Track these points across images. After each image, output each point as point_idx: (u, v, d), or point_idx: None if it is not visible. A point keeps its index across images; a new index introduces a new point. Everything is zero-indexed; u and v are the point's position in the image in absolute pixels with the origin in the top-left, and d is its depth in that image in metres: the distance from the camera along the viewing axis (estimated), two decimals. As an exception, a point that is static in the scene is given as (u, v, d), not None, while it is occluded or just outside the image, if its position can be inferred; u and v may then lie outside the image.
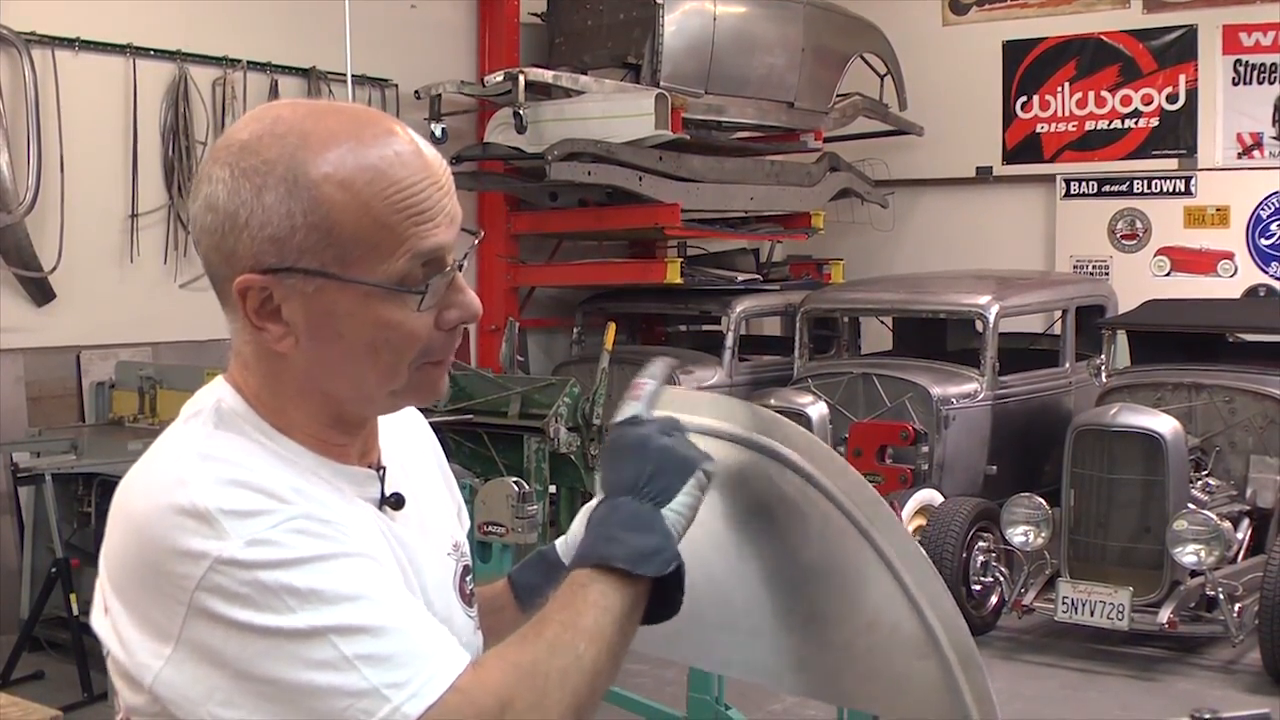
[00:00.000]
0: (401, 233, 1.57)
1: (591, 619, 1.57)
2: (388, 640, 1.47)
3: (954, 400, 9.47)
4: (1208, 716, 3.76)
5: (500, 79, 10.45)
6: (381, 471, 1.74)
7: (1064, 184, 12.53)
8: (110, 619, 1.57)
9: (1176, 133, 12.11)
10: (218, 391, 1.68)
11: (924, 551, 1.69)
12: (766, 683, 1.88)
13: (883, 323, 11.64)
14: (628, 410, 1.76)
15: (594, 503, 1.74)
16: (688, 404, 1.87)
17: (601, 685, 1.56)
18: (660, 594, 1.65)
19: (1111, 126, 12.43)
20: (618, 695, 5.94)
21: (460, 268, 1.66)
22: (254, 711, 1.46)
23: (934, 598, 1.67)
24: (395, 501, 1.73)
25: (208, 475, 1.53)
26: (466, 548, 1.90)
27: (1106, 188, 12.34)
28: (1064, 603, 7.84)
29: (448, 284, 1.63)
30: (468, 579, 1.86)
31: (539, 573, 1.95)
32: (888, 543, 1.69)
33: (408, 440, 1.88)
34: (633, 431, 1.73)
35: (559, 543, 1.96)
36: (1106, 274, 12.16)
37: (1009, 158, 12.90)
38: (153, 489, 1.55)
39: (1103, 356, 9.51)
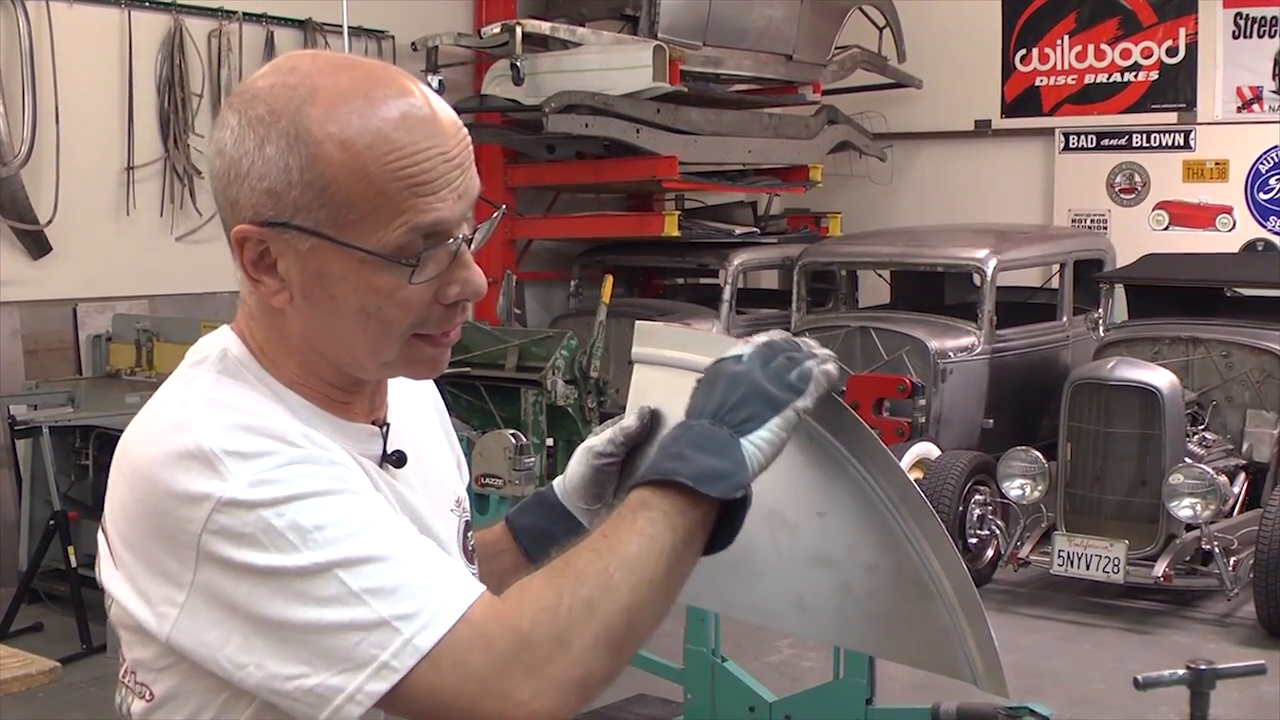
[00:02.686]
0: (399, 203, 1.53)
1: (635, 547, 1.51)
2: (395, 570, 1.46)
3: (951, 354, 9.47)
4: (1203, 668, 3.78)
5: (497, 30, 10.39)
6: (385, 429, 1.73)
7: (1063, 137, 12.49)
8: (122, 572, 1.56)
9: (1176, 86, 12.06)
10: (223, 340, 1.67)
11: (920, 492, 1.69)
12: (768, 623, 1.89)
13: (880, 276, 11.63)
14: (734, 350, 1.67)
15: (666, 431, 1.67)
16: (679, 340, 1.86)
17: (643, 620, 1.51)
18: (720, 525, 1.58)
19: (1111, 80, 12.38)
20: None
21: (469, 243, 1.61)
22: (270, 654, 1.46)
23: (935, 541, 1.67)
24: (397, 459, 1.72)
25: (211, 419, 1.53)
26: (467, 503, 1.89)
27: (1105, 141, 12.30)
28: (1060, 556, 7.87)
29: (451, 257, 1.59)
30: (469, 535, 1.85)
31: (538, 515, 1.93)
32: (888, 485, 1.68)
33: (410, 394, 1.86)
34: (730, 365, 1.65)
35: (556, 484, 1.94)
36: (1105, 228, 12.14)
37: (1008, 111, 12.85)
38: (156, 436, 1.55)
39: (1100, 310, 9.52)
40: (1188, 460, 7.88)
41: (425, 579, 1.47)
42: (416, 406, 1.88)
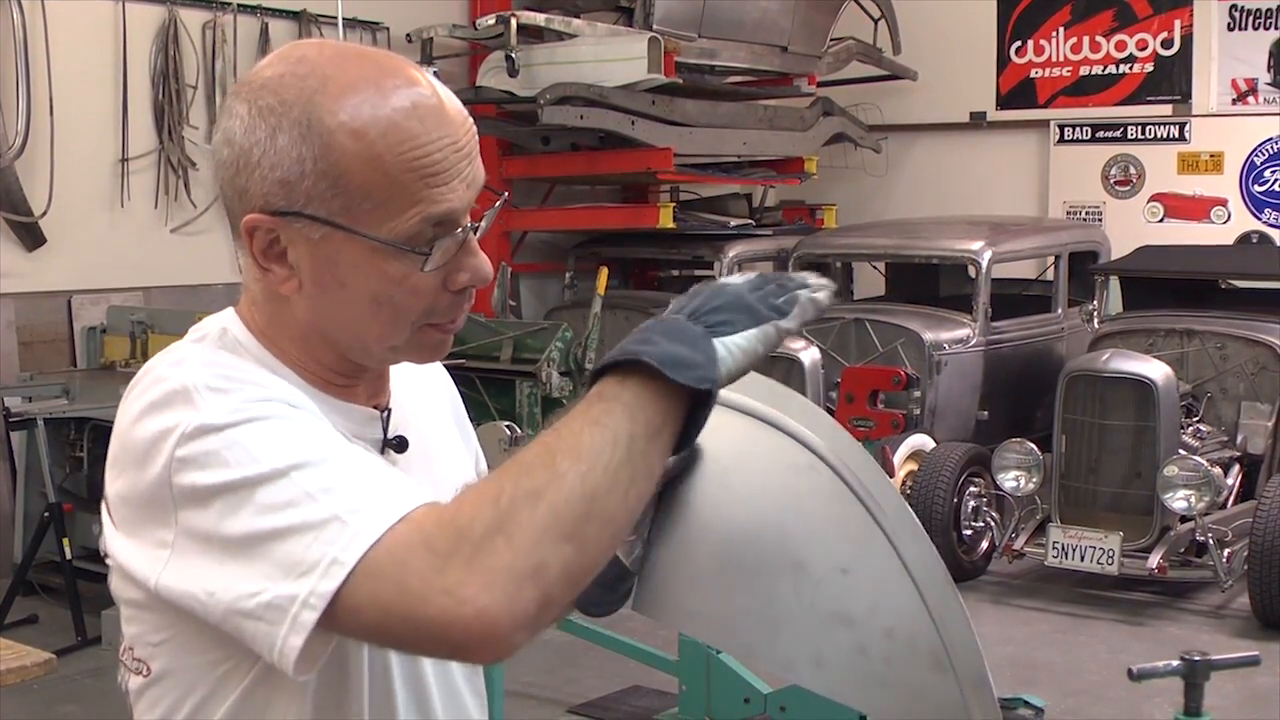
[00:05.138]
0: (413, 193, 1.55)
1: (587, 436, 1.43)
2: (345, 471, 1.46)
3: (946, 345, 9.48)
4: (1197, 660, 3.79)
5: (492, 22, 10.39)
6: (386, 414, 1.73)
7: (1058, 129, 12.49)
8: (120, 529, 1.57)
9: (1171, 78, 12.06)
10: (225, 320, 1.69)
11: (942, 563, 1.68)
12: (787, 675, 1.88)
13: (876, 268, 11.63)
14: (724, 279, 1.59)
15: None
16: None
17: (600, 510, 1.42)
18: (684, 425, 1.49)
19: (1106, 72, 12.38)
20: (610, 639, 5.97)
21: (476, 230, 1.63)
22: (239, 573, 1.44)
23: (952, 614, 1.66)
24: (397, 445, 1.73)
25: (200, 368, 1.56)
26: None
27: (1100, 133, 12.30)
28: (1054, 548, 7.87)
29: (460, 246, 1.61)
30: None
31: None
32: (911, 554, 1.67)
33: (422, 385, 1.87)
34: (718, 282, 1.57)
35: None
36: (1100, 220, 12.14)
37: (1003, 103, 12.84)
38: (141, 392, 1.57)
39: (1095, 302, 9.52)
40: (1182, 452, 7.89)
41: (373, 481, 1.47)
42: (429, 396, 1.89)
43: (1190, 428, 8.43)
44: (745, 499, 1.80)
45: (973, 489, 8.38)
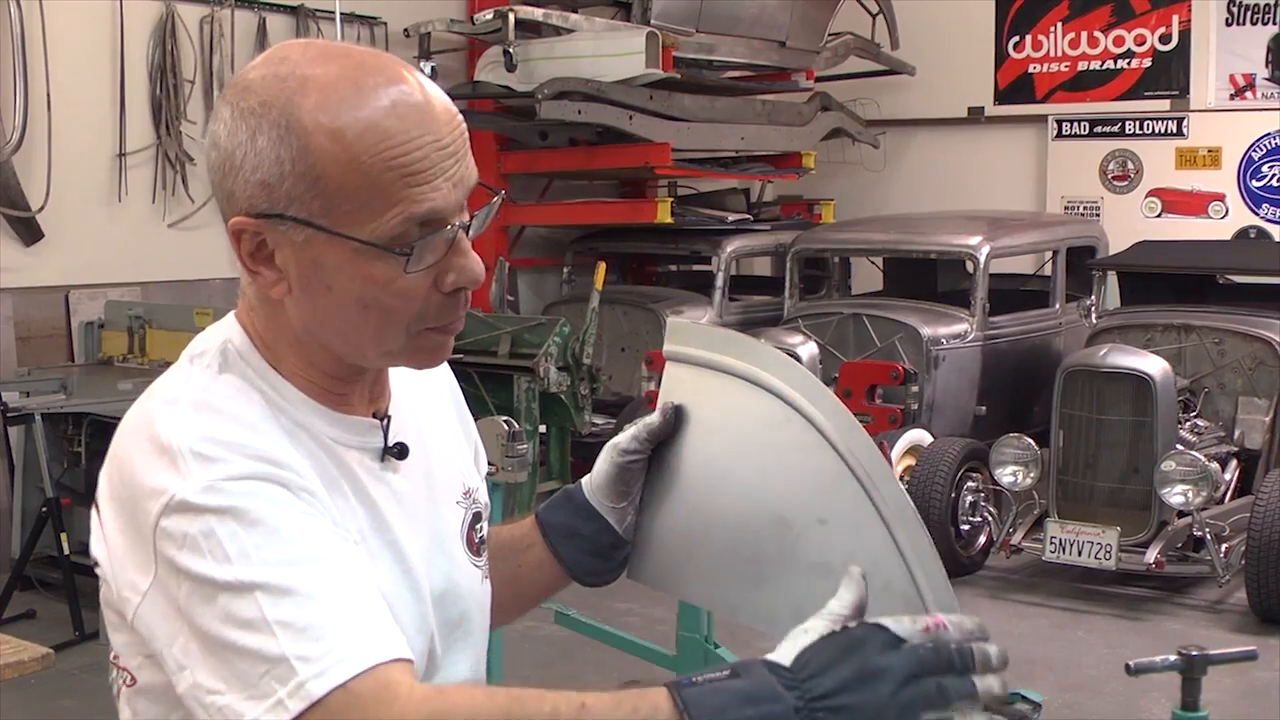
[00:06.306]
0: (394, 193, 1.53)
1: None
2: (311, 610, 1.44)
3: (944, 340, 9.48)
4: (1195, 654, 3.79)
5: (490, 17, 10.38)
6: (386, 421, 1.72)
7: (1055, 124, 12.49)
8: (106, 547, 1.58)
9: (1169, 73, 12.06)
10: (226, 331, 1.67)
11: (914, 507, 1.69)
12: (771, 630, 1.89)
13: (873, 263, 11.63)
14: (898, 622, 1.46)
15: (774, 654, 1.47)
16: (700, 339, 1.86)
17: None
18: None
19: (1104, 67, 12.37)
20: (608, 634, 5.97)
21: (468, 230, 1.60)
22: (200, 663, 1.46)
23: (924, 557, 1.67)
24: (398, 452, 1.71)
25: (193, 420, 1.53)
26: (482, 493, 1.88)
27: (1098, 128, 12.30)
28: (1052, 542, 7.88)
29: (448, 246, 1.59)
30: (477, 526, 1.84)
31: (565, 511, 1.91)
32: (882, 496, 1.68)
33: (422, 383, 1.85)
34: (877, 648, 1.43)
35: (584, 481, 1.92)
36: (1097, 215, 12.14)
37: (1001, 98, 12.84)
38: (139, 425, 1.56)
39: (1093, 297, 9.52)
40: (1180, 447, 7.89)
41: (337, 627, 1.44)
42: (428, 396, 1.87)
43: (1188, 423, 8.43)
44: (728, 459, 1.83)
45: (970, 484, 8.37)
